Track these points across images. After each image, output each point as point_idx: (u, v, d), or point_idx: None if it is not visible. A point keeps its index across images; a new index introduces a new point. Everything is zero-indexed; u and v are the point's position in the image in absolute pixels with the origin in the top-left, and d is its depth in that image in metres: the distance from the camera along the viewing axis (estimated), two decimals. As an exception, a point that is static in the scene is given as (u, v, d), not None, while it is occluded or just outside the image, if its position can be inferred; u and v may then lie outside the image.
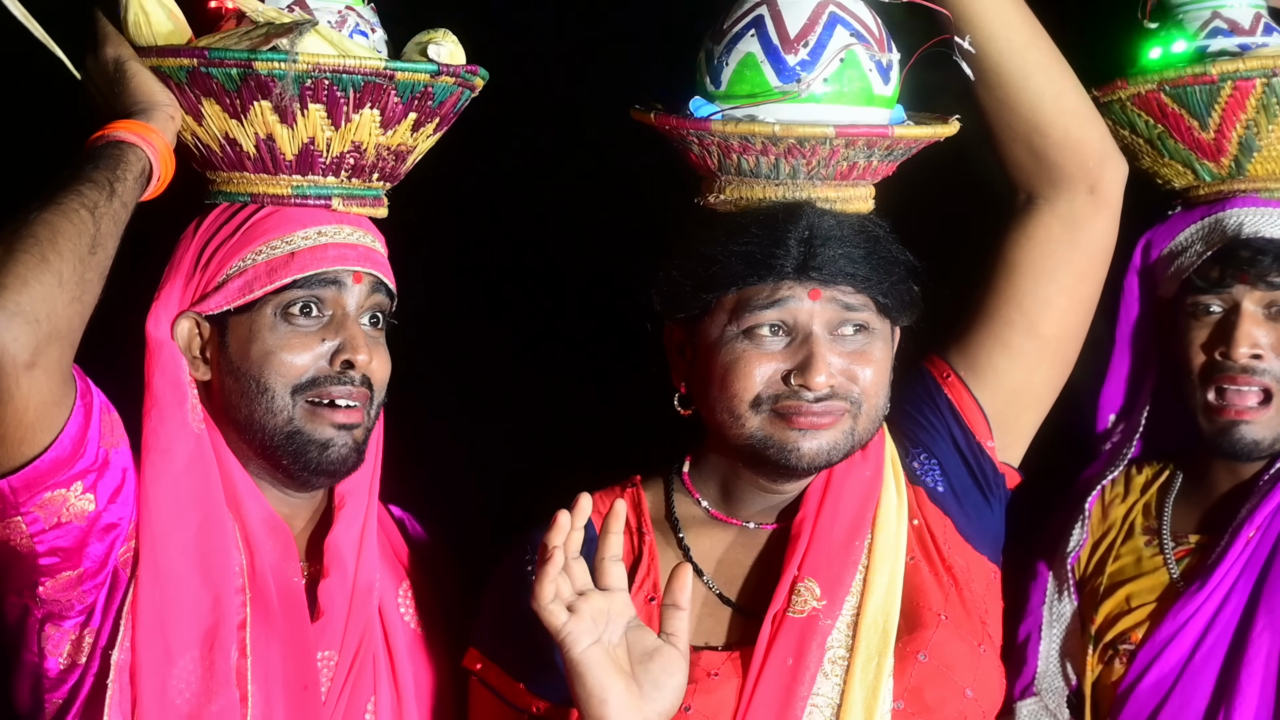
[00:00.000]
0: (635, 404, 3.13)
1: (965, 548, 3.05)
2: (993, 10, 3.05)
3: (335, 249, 2.94)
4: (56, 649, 2.80)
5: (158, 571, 2.81)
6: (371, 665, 2.96)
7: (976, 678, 2.96)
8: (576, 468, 3.08)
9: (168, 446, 2.86)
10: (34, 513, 2.69)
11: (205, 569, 2.84)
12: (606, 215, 3.88)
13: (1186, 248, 3.32)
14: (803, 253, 2.92)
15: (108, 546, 2.78)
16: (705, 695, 2.89)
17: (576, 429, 3.83)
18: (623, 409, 3.43)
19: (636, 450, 3.15)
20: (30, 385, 2.59)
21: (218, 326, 2.93)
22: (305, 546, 3.00)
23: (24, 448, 2.64)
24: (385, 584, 3.02)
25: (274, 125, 2.91)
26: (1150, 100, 3.27)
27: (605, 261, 3.62)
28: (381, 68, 2.91)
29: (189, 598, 2.82)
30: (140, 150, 2.79)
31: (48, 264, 2.60)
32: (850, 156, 2.94)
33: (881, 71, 2.97)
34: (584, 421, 3.83)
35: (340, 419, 2.91)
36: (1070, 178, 3.11)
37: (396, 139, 2.99)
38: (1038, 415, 3.18)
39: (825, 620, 2.93)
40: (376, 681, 2.97)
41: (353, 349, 2.92)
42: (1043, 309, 3.11)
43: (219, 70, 2.88)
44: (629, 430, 3.31)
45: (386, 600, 3.02)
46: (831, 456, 2.94)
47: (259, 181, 2.97)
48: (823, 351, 2.91)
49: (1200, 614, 3.19)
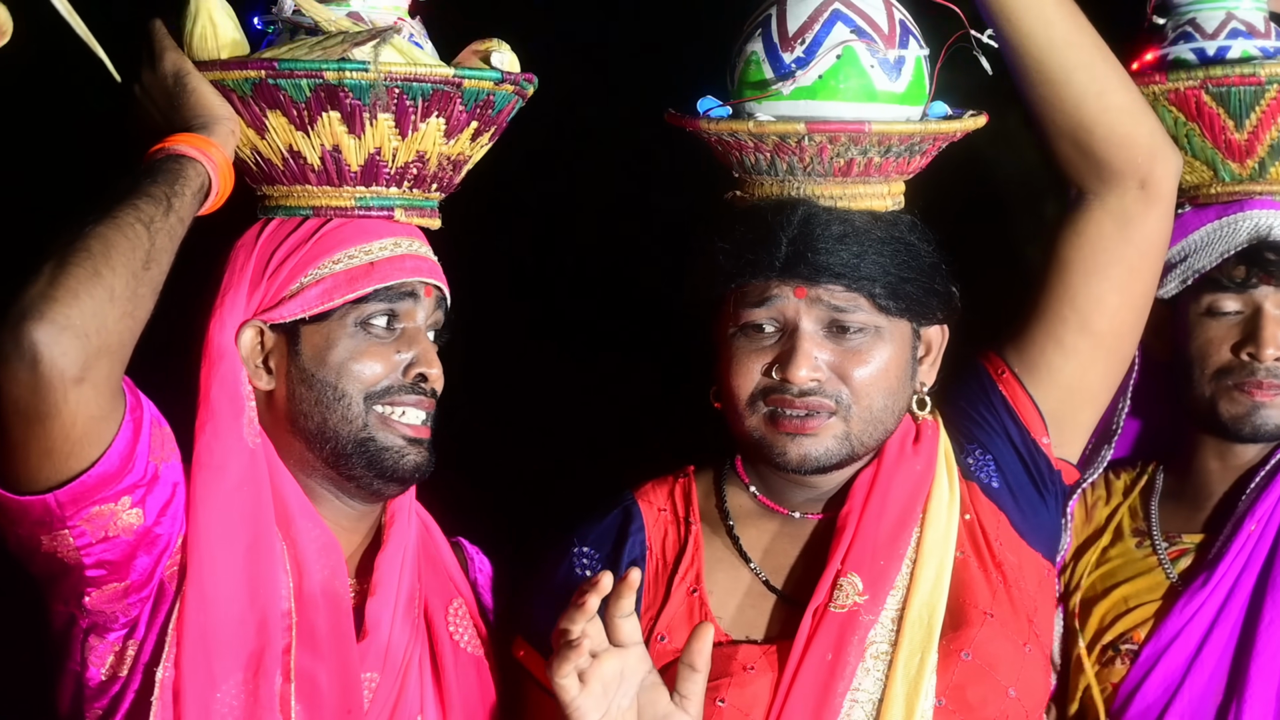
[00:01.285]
0: (690, 398, 3.14)
1: (1019, 544, 3.04)
2: (1031, 8, 3.02)
3: (411, 260, 2.94)
4: (99, 660, 2.80)
5: (203, 593, 2.80)
6: (418, 684, 2.95)
7: (1020, 677, 2.95)
8: (630, 462, 3.14)
9: (221, 464, 2.85)
10: (81, 526, 2.69)
11: (253, 592, 2.83)
12: (655, 214, 3.86)
13: (1203, 247, 3.30)
14: (790, 251, 2.94)
15: (155, 560, 2.78)
16: (739, 689, 2.91)
17: (631, 422, 3.82)
18: (678, 403, 3.43)
19: (693, 445, 3.16)
20: (78, 400, 2.59)
21: (287, 335, 2.91)
22: (356, 565, 2.98)
23: (71, 462, 2.64)
24: (434, 602, 3.01)
25: (342, 136, 2.90)
26: (1188, 97, 3.25)
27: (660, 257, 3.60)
28: (451, 75, 2.91)
29: (234, 621, 2.81)
30: (200, 165, 2.78)
31: (100, 278, 2.59)
32: (840, 153, 2.95)
33: (888, 68, 2.96)
34: (639, 415, 3.82)
35: (409, 433, 2.91)
36: (1119, 173, 3.08)
37: (457, 148, 2.98)
38: (1094, 412, 3.16)
39: (866, 615, 2.94)
40: (423, 701, 2.95)
41: (426, 362, 2.92)
42: (1095, 305, 3.09)
43: (288, 81, 2.86)
44: (686, 424, 3.31)
45: (435, 617, 3.01)
46: (824, 462, 2.96)
47: (321, 194, 2.95)
48: (806, 346, 2.93)
49: (1205, 610, 3.20)
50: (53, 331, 2.55)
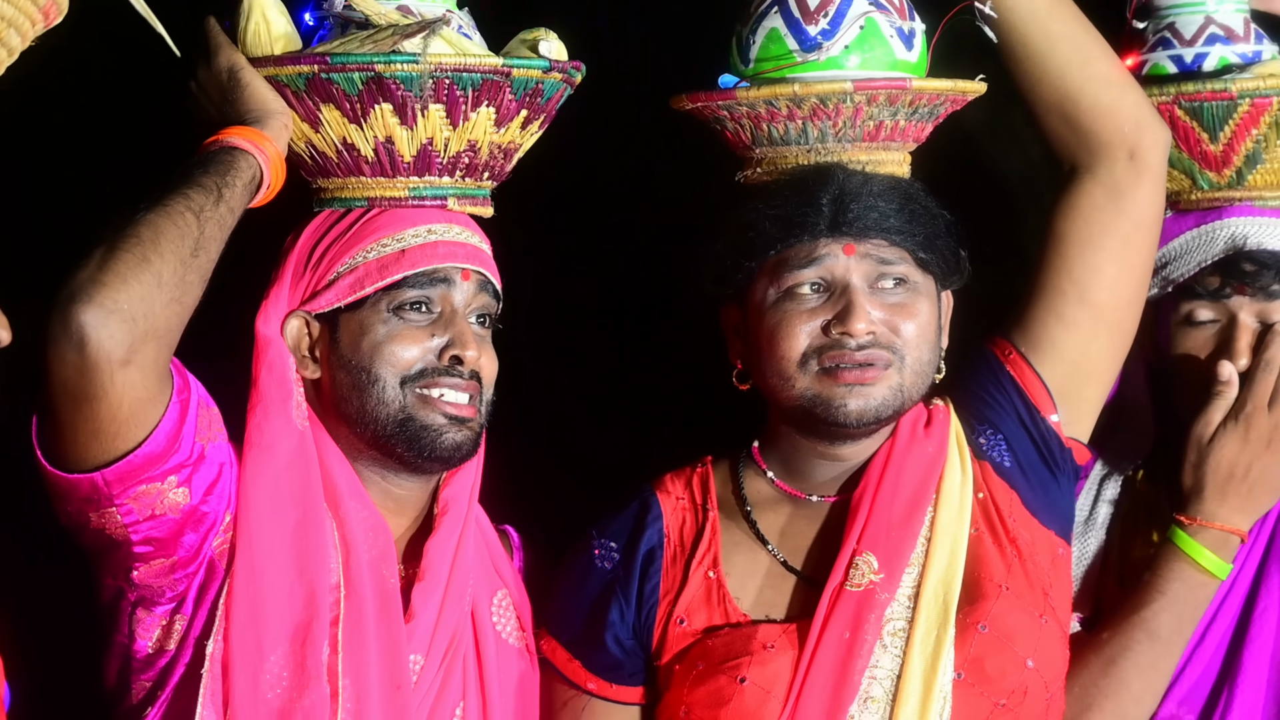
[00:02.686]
0: (703, 391, 3.21)
1: (1031, 521, 3.08)
2: None
3: (445, 246, 2.99)
4: (147, 633, 2.87)
5: (253, 567, 2.86)
6: (461, 672, 3.00)
7: (1038, 648, 2.99)
8: (648, 454, 3.20)
9: (270, 443, 2.92)
10: (128, 504, 2.75)
11: (301, 566, 2.89)
12: (658, 209, 3.89)
13: (1181, 255, 3.32)
14: (834, 210, 3.00)
15: (202, 537, 2.84)
16: (761, 667, 2.95)
17: (647, 415, 3.85)
18: (691, 396, 3.48)
19: (708, 436, 3.21)
20: (125, 382, 2.65)
21: (328, 324, 2.99)
22: (404, 549, 3.03)
23: (118, 442, 2.70)
24: (479, 592, 3.05)
25: (394, 128, 2.95)
26: (1162, 111, 3.26)
27: (655, 251, 3.63)
28: (500, 65, 2.96)
29: (283, 593, 2.87)
30: (252, 157, 2.84)
31: (148, 264, 2.66)
32: (874, 115, 3.03)
33: (903, 38, 3.06)
34: (654, 408, 3.85)
35: (450, 410, 2.96)
36: (1107, 144, 3.13)
37: (507, 136, 3.03)
38: (1100, 388, 3.20)
39: (882, 594, 2.98)
40: (465, 688, 3.00)
41: (461, 345, 2.96)
42: (1092, 277, 3.14)
43: (341, 75, 2.92)
44: (701, 417, 3.36)
45: (480, 608, 3.05)
46: (880, 413, 3.01)
47: (375, 185, 3.01)
48: (860, 300, 2.99)
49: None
50: (100, 315, 2.61)
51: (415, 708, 2.94)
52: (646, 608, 3.05)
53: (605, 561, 3.08)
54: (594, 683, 3.05)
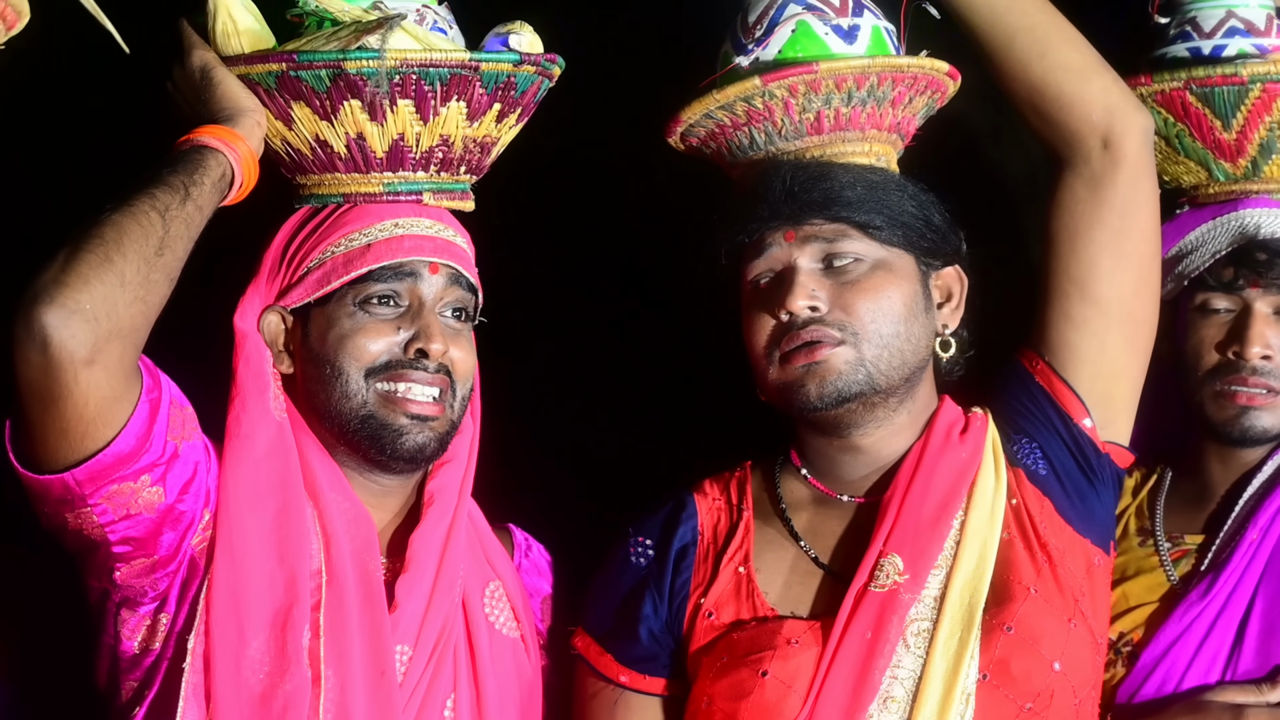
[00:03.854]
0: (722, 394, 3.24)
1: (1064, 529, 3.05)
2: None
3: (411, 240, 2.99)
4: (132, 633, 2.89)
5: (233, 554, 2.87)
6: (452, 663, 2.99)
7: (1065, 651, 2.96)
8: (687, 458, 3.21)
9: (249, 433, 2.94)
10: (102, 504, 2.77)
11: (281, 553, 2.90)
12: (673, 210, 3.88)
13: (1197, 248, 3.28)
14: (774, 199, 3.02)
15: (180, 535, 2.86)
16: (783, 662, 2.95)
17: (686, 421, 3.84)
18: (714, 400, 3.50)
19: (728, 439, 3.23)
20: (90, 381, 2.67)
21: (301, 319, 3.01)
22: (389, 541, 3.04)
23: (86, 442, 2.71)
24: (470, 583, 3.05)
25: (364, 124, 2.97)
26: (1174, 98, 3.23)
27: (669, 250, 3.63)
28: (466, 59, 2.96)
29: (264, 580, 2.88)
30: (222, 155, 2.86)
31: (110, 263, 2.67)
32: (806, 106, 3.04)
33: (841, 34, 3.07)
34: (693, 414, 3.84)
35: (414, 410, 2.96)
36: (1078, 134, 3.10)
37: (482, 130, 3.03)
38: (1129, 386, 3.16)
39: (906, 595, 2.97)
40: (457, 680, 3.00)
41: (427, 338, 2.96)
42: (1089, 272, 3.10)
43: (308, 73, 2.93)
44: (724, 422, 3.36)
45: (471, 598, 3.05)
46: (844, 390, 3.00)
47: (350, 181, 3.03)
48: (800, 278, 3.00)
49: (1204, 615, 3.18)
50: (62, 315, 2.63)
51: (405, 700, 2.94)
52: (678, 600, 3.06)
53: (640, 558, 3.10)
54: (626, 675, 3.06)
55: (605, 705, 3.07)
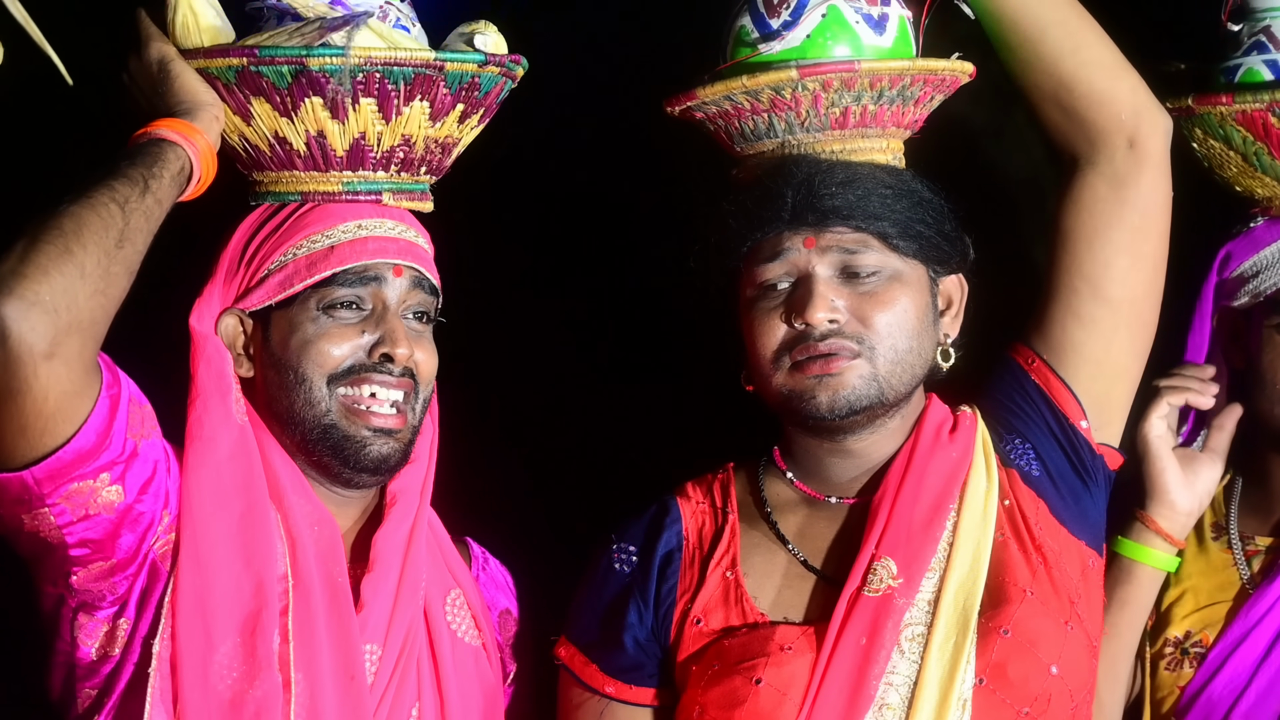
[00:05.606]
0: (723, 396, 3.18)
1: (1059, 530, 3.03)
2: None
3: (375, 242, 2.95)
4: (89, 639, 2.83)
5: (199, 559, 2.83)
6: (415, 671, 2.96)
7: (1062, 655, 2.93)
8: (666, 462, 3.19)
9: (211, 436, 2.89)
10: (60, 504, 2.71)
11: (247, 556, 2.86)
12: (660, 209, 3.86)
13: (1270, 266, 3.25)
14: (795, 202, 2.97)
15: (139, 537, 2.80)
16: (777, 669, 2.91)
17: (662, 425, 3.81)
18: (713, 402, 3.44)
19: (729, 444, 3.19)
20: (49, 375, 2.61)
21: (261, 322, 2.96)
22: (352, 545, 2.99)
23: (45, 438, 2.66)
24: (432, 591, 3.01)
25: (325, 122, 2.93)
26: (1255, 118, 3.20)
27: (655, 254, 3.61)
28: (432, 59, 2.93)
29: (230, 584, 2.84)
30: (181, 149, 2.81)
31: (70, 255, 2.62)
32: (835, 101, 3.00)
33: (872, 23, 3.03)
34: (673, 417, 3.81)
35: (377, 423, 2.92)
36: (1105, 133, 3.07)
37: (444, 131, 3.00)
38: (1127, 388, 3.14)
39: (900, 599, 2.93)
40: (420, 688, 2.96)
41: (392, 342, 2.93)
42: (1104, 271, 3.08)
43: (269, 68, 2.89)
44: (722, 423, 3.33)
45: (433, 606, 3.01)
46: (854, 403, 2.97)
47: (309, 179, 2.99)
48: (820, 289, 2.96)
49: (1275, 613, 3.15)
50: (21, 307, 2.58)
51: (375, 703, 2.89)
52: (664, 607, 3.02)
53: (624, 565, 3.06)
54: (612, 686, 3.01)
55: (591, 716, 3.02)
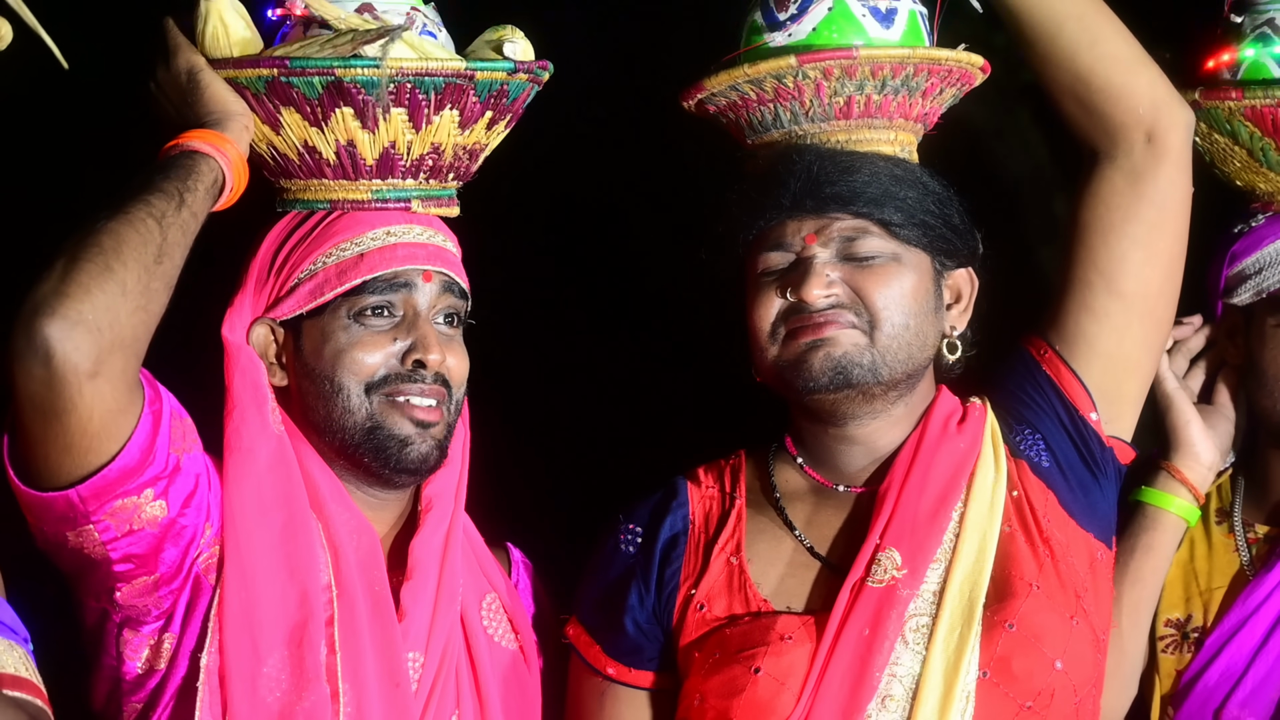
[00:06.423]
0: (747, 392, 3.16)
1: (1068, 522, 3.03)
2: None
3: (404, 248, 2.95)
4: (135, 653, 2.84)
5: (243, 571, 2.83)
6: (455, 677, 2.96)
7: (1067, 650, 2.94)
8: (674, 449, 3.18)
9: (250, 447, 2.89)
10: (105, 521, 2.72)
11: (291, 567, 2.86)
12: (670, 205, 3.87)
13: (1272, 264, 3.26)
14: (798, 189, 2.99)
15: (182, 551, 2.81)
16: (776, 658, 2.92)
17: (673, 412, 3.83)
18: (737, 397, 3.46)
19: (752, 439, 3.19)
20: (94, 394, 2.62)
21: (292, 331, 2.96)
22: (389, 551, 3.00)
23: (90, 456, 2.66)
24: (468, 596, 3.02)
25: (355, 131, 2.93)
26: (1264, 114, 3.21)
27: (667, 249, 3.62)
28: (463, 68, 2.93)
29: (275, 596, 2.84)
30: (213, 160, 2.81)
31: (111, 273, 2.62)
32: (838, 90, 3.02)
33: (880, 17, 3.04)
34: (683, 405, 3.82)
35: (419, 415, 2.92)
36: (1123, 127, 3.07)
37: (473, 138, 3.00)
38: (1139, 382, 3.14)
39: (904, 590, 2.94)
40: (460, 694, 2.96)
41: (424, 348, 2.93)
42: (1119, 265, 3.08)
43: (300, 79, 2.89)
44: (746, 417, 3.33)
45: (469, 610, 3.01)
46: (848, 369, 2.97)
47: (338, 188, 2.98)
48: (818, 267, 2.98)
49: (1272, 600, 3.16)
50: (65, 327, 2.58)
51: (420, 709, 2.90)
52: (666, 591, 3.02)
53: (629, 546, 3.06)
54: (613, 668, 3.02)
55: (593, 696, 3.04)
